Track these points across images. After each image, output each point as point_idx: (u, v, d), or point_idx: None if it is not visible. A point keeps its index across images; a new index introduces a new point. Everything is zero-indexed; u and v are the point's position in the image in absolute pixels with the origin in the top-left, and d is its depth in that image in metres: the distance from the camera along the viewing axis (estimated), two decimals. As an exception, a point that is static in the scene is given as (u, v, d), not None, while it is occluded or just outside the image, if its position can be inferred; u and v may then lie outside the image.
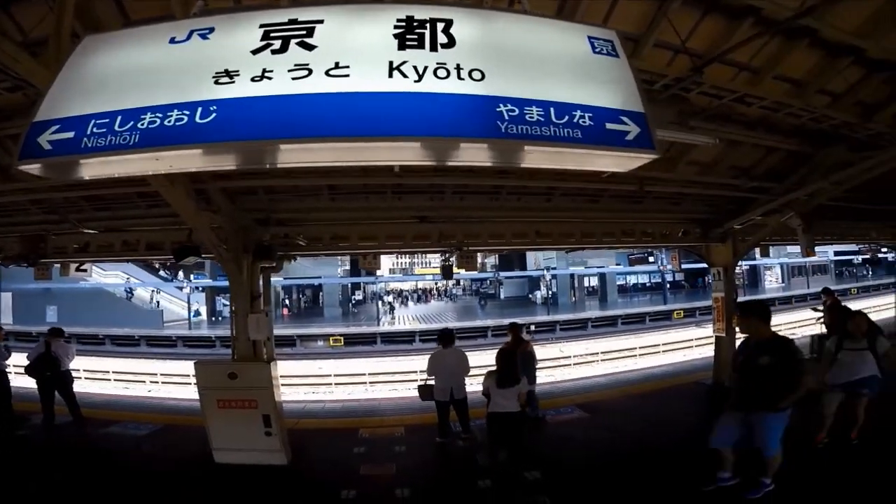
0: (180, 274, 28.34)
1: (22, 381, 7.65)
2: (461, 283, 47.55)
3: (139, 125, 1.84)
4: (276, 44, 2.00)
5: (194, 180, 4.69)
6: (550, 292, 30.57)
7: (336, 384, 16.07)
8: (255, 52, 2.00)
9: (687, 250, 9.54)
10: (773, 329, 3.95)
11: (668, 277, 33.79)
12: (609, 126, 1.90)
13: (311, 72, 1.90)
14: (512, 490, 4.66)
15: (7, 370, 7.15)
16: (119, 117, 1.89)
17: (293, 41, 2.00)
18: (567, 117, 1.87)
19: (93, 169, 2.02)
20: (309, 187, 5.73)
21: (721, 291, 7.98)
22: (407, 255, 65.68)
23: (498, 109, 1.82)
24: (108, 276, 27.95)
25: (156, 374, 16.61)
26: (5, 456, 5.99)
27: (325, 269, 31.03)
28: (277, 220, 5.97)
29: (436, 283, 44.74)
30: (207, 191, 4.95)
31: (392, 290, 44.75)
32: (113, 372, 17.00)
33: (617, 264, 33.80)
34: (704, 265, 8.73)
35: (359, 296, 39.60)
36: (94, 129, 1.88)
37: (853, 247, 29.47)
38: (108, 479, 5.23)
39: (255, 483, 5.07)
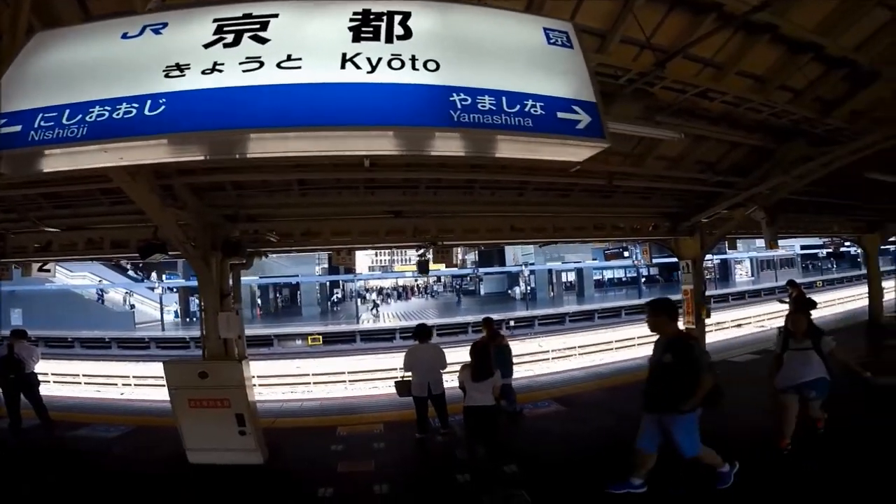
0: (153, 275, 27.58)
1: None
2: (442, 279, 47.58)
3: (87, 118, 1.85)
4: (229, 37, 2.00)
5: (159, 175, 4.56)
6: (529, 288, 30.82)
7: (314, 383, 15.88)
8: (206, 45, 2.00)
9: (658, 244, 9.74)
10: (681, 328, 3.93)
11: (643, 272, 34.47)
12: (560, 115, 1.94)
13: (262, 64, 1.90)
14: (490, 484, 4.64)
15: None
16: (67, 111, 1.88)
17: (246, 35, 2.00)
18: (518, 106, 1.90)
19: (42, 162, 2.01)
20: (279, 182, 5.63)
21: (690, 284, 8.20)
22: (386, 252, 65.30)
23: (451, 99, 1.84)
24: (74, 277, 27.05)
25: (128, 377, 16.15)
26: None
27: (302, 268, 30.62)
28: (247, 216, 5.86)
29: (416, 281, 44.60)
30: (173, 186, 4.81)
31: (371, 288, 44.48)
32: (83, 375, 16.45)
33: (593, 259, 34.28)
34: (676, 259, 8.95)
35: (338, 294, 39.24)
36: (42, 123, 1.88)
37: (818, 241, 30.67)
38: (79, 481, 5.09)
39: (230, 483, 4.97)
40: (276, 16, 2.03)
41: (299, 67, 1.88)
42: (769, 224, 7.09)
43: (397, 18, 2.05)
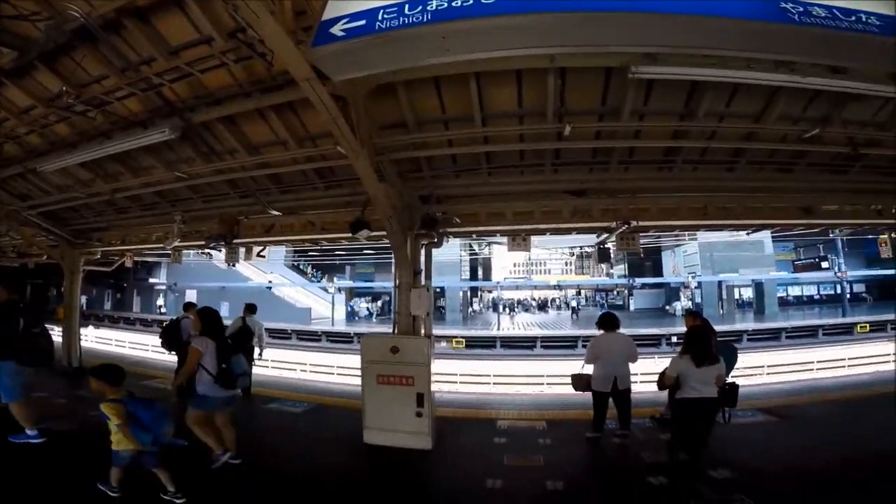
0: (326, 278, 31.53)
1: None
2: (582, 292, 45.31)
3: (428, 7, 2.03)
4: None
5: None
6: (693, 303, 27.56)
7: (461, 382, 16.17)
8: None
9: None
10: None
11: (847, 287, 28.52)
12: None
13: None
14: (698, 488, 4.12)
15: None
16: (406, 5, 2.09)
17: None
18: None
19: (384, 56, 2.22)
20: (466, 160, 5.74)
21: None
22: (523, 264, 64.86)
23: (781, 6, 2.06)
24: (265, 276, 32.19)
25: (305, 364, 18.43)
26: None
27: (447, 277, 31.80)
28: (437, 198, 6.09)
29: (560, 290, 43.03)
30: (381, 164, 5.20)
31: (505, 300, 44.34)
32: (271, 360, 19.24)
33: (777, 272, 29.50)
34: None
35: (476, 304, 40.09)
36: (385, 16, 2.10)
37: None
38: (284, 446, 5.66)
39: (401, 465, 5.07)
40: None
41: None
42: None
43: None
